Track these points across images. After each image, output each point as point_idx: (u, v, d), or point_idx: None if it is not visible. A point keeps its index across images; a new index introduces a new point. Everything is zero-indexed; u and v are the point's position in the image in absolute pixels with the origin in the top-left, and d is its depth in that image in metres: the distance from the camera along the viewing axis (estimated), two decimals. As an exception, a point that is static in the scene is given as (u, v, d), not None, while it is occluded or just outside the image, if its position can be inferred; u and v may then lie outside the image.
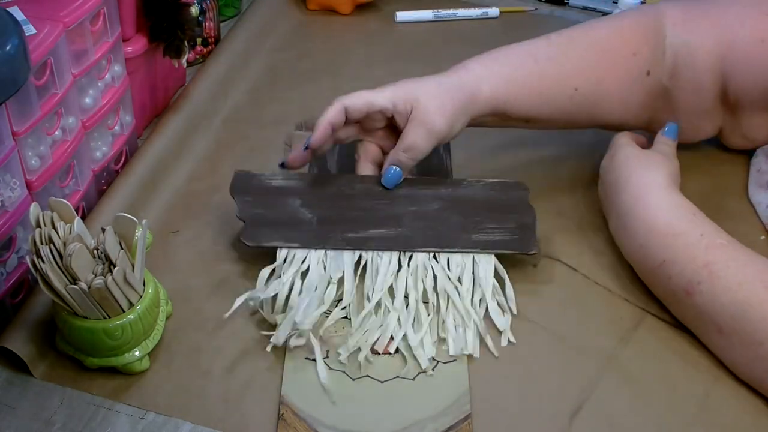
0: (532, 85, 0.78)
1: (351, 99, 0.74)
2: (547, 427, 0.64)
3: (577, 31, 0.82)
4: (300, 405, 0.64)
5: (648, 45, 0.80)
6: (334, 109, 0.74)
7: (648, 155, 0.76)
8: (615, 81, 0.80)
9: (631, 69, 0.80)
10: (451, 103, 0.75)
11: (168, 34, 0.86)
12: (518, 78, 0.78)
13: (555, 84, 0.79)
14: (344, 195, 0.76)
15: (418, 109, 0.74)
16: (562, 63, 0.79)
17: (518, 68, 0.79)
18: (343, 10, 1.13)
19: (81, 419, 0.63)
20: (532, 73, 0.79)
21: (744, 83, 0.79)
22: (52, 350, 0.67)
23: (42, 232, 0.61)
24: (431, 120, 0.74)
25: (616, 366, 0.68)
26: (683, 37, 0.79)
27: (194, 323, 0.70)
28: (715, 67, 0.79)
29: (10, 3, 0.70)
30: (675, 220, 0.70)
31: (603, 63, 0.80)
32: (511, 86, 0.78)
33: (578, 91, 0.79)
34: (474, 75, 0.78)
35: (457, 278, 0.72)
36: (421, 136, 0.74)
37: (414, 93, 0.75)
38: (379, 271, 0.72)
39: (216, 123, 0.92)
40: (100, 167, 0.81)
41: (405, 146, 0.75)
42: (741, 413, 0.65)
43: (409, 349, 0.68)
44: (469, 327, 0.69)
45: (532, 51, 0.80)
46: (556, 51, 0.80)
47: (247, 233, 0.73)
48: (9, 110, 0.65)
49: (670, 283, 0.68)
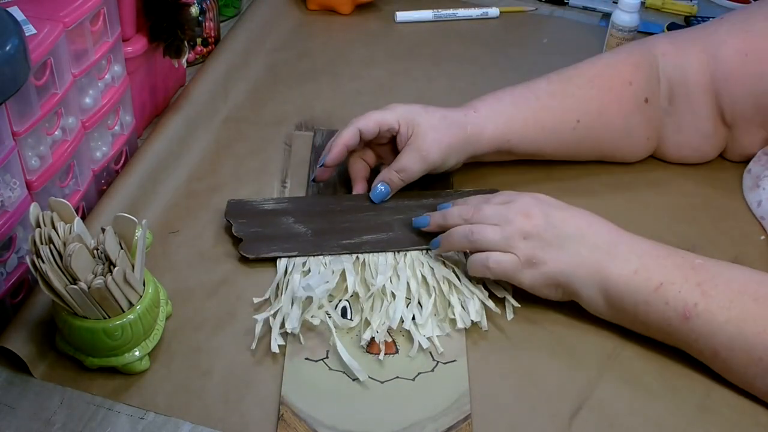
0: (534, 121, 0.81)
1: (364, 122, 0.78)
2: (547, 427, 0.64)
3: (573, 70, 0.84)
4: (300, 405, 0.64)
5: (642, 74, 0.83)
6: (349, 132, 0.78)
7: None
8: (615, 111, 0.83)
9: (629, 98, 0.83)
10: (448, 138, 0.78)
11: (168, 34, 0.86)
12: (520, 115, 0.81)
13: (557, 118, 0.82)
14: (334, 211, 0.80)
15: (417, 135, 0.78)
16: (562, 98, 0.82)
17: (520, 106, 0.82)
18: (343, 10, 1.13)
19: (81, 419, 0.63)
20: (533, 109, 0.81)
21: (734, 98, 0.82)
22: (52, 350, 0.67)
23: (42, 232, 0.61)
24: (426, 149, 0.78)
25: (616, 366, 0.68)
26: (674, 62, 0.83)
27: (194, 323, 0.70)
28: (707, 86, 0.82)
29: (10, 3, 0.70)
30: (655, 245, 0.69)
31: (601, 95, 0.82)
32: (514, 123, 0.81)
33: (580, 123, 0.82)
34: (478, 115, 0.80)
35: (452, 270, 0.74)
36: (414, 161, 0.78)
37: (417, 119, 0.78)
38: (379, 265, 0.74)
39: (216, 123, 0.92)
40: (100, 167, 0.81)
41: (398, 167, 0.78)
42: (741, 413, 0.65)
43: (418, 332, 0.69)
44: (474, 300, 0.71)
45: (532, 89, 0.83)
46: (555, 87, 0.83)
47: (246, 247, 0.75)
48: (9, 110, 0.65)
49: (666, 309, 0.66)
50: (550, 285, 0.69)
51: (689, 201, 0.84)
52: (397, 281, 0.73)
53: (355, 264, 0.75)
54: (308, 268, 0.74)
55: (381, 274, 0.73)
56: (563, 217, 0.69)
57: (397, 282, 0.73)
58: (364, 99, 0.97)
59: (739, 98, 0.81)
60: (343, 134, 0.78)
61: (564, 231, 0.68)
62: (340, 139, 0.78)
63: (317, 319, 0.70)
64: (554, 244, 0.68)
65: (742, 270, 0.67)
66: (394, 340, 0.69)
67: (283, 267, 0.74)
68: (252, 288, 0.73)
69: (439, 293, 0.73)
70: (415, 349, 0.68)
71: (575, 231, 0.69)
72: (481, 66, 1.04)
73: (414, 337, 0.69)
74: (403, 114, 0.79)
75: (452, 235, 0.72)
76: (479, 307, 0.71)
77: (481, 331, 0.70)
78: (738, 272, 0.66)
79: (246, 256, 0.75)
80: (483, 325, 0.70)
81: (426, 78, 1.02)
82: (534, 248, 0.68)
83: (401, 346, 0.69)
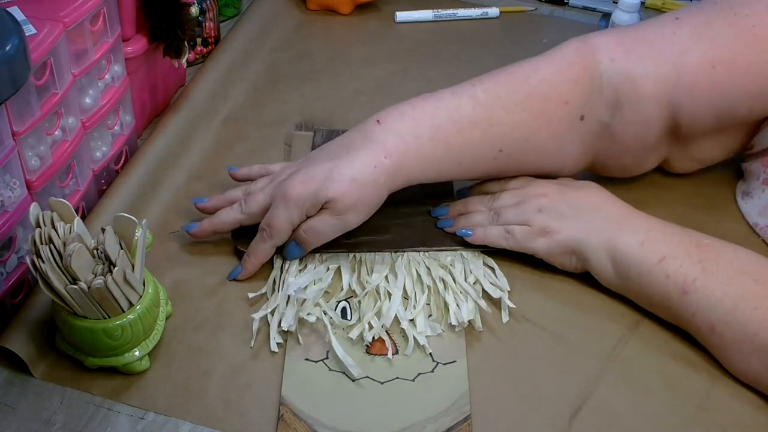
0: (451, 160, 0.73)
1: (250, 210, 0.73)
2: (547, 428, 0.64)
3: (504, 84, 0.75)
4: (300, 405, 0.64)
5: (581, 90, 0.74)
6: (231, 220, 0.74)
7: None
8: (546, 134, 0.75)
9: (563, 118, 0.75)
10: (371, 198, 0.71)
11: (168, 34, 0.86)
12: (437, 155, 0.73)
13: (478, 150, 0.74)
14: None
15: (333, 208, 0.70)
16: (486, 126, 0.73)
17: (438, 146, 0.72)
18: (343, 10, 1.13)
19: (81, 419, 0.63)
20: (452, 148, 0.73)
21: (696, 111, 0.75)
22: (52, 350, 0.67)
23: (42, 232, 0.61)
24: (348, 219, 0.71)
25: (616, 366, 0.68)
26: (624, 69, 0.74)
27: (194, 323, 0.70)
28: (662, 97, 0.74)
29: (10, 3, 0.70)
30: (666, 223, 0.72)
31: (531, 119, 0.74)
32: (429, 166, 0.73)
33: (503, 152, 0.74)
34: (390, 158, 0.71)
35: (448, 270, 0.75)
36: (330, 226, 0.71)
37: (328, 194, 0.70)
38: (375, 264, 0.75)
39: (216, 123, 0.92)
40: (100, 167, 0.81)
41: (307, 227, 0.72)
42: (741, 413, 0.65)
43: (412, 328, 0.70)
44: (468, 300, 0.72)
45: (454, 117, 0.73)
46: (480, 114, 0.73)
47: (243, 243, 0.75)
48: (9, 110, 0.65)
49: (667, 282, 0.68)
50: (564, 253, 0.73)
51: (689, 201, 0.83)
52: (394, 280, 0.73)
53: (351, 262, 0.75)
54: (304, 264, 0.74)
55: (377, 272, 0.73)
56: (578, 195, 0.74)
57: (394, 281, 0.73)
58: (364, 99, 0.97)
59: (702, 111, 0.75)
60: (224, 219, 0.74)
61: (578, 204, 0.73)
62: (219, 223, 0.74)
63: (313, 316, 0.70)
64: (567, 215, 0.73)
65: (749, 253, 0.69)
66: (393, 340, 0.69)
67: (279, 262, 0.74)
68: (252, 288, 0.73)
69: (434, 292, 0.73)
70: (411, 348, 0.68)
71: (589, 205, 0.73)
72: (481, 66, 1.03)
73: (408, 334, 0.69)
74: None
75: (474, 218, 0.76)
76: (473, 306, 0.71)
77: (481, 331, 0.70)
78: (743, 254, 0.69)
79: (243, 251, 0.74)
80: (477, 325, 0.70)
81: (425, 78, 1.02)
82: (549, 219, 0.73)
83: (400, 347, 0.69)
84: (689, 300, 0.67)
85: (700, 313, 0.67)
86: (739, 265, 0.68)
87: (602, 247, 0.71)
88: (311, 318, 0.70)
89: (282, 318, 0.69)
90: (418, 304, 0.71)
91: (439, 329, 0.70)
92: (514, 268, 0.75)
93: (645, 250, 0.69)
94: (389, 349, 0.68)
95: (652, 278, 0.69)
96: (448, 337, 0.70)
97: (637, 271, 0.69)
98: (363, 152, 0.71)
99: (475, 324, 0.70)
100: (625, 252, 0.70)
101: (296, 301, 0.70)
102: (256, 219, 0.73)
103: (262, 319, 0.70)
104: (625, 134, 0.76)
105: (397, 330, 0.70)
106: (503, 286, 0.73)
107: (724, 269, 0.67)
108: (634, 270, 0.70)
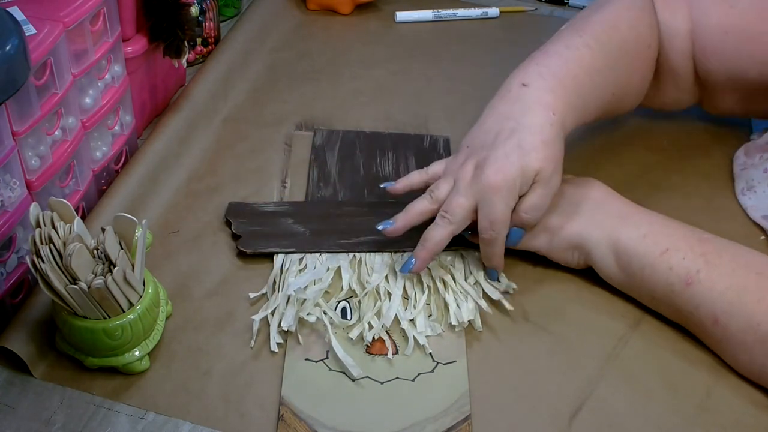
0: (585, 106, 0.76)
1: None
2: (547, 428, 0.64)
3: (603, 33, 0.78)
4: (300, 405, 0.64)
5: (655, 33, 0.82)
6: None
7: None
8: (639, 77, 0.83)
9: (649, 58, 0.82)
10: (560, 154, 0.71)
11: (168, 34, 0.86)
12: (581, 103, 0.75)
13: (602, 94, 0.78)
14: (333, 214, 0.80)
15: (542, 178, 0.70)
16: (605, 74, 0.77)
17: (586, 96, 0.75)
18: (343, 10, 1.13)
19: (81, 419, 0.63)
20: (587, 95, 0.76)
21: (708, 70, 0.83)
22: (52, 350, 0.67)
23: (42, 232, 0.61)
24: (553, 184, 0.71)
25: (616, 366, 0.68)
26: (662, 17, 0.83)
27: (194, 323, 0.70)
28: (686, 50, 0.83)
29: (10, 3, 0.70)
30: (667, 218, 0.73)
31: (630, 65, 0.80)
32: (576, 112, 0.75)
33: (614, 95, 0.80)
34: (557, 114, 0.72)
35: (448, 270, 0.75)
36: (545, 197, 0.71)
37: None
38: (375, 264, 0.75)
39: (216, 123, 0.92)
40: (100, 167, 0.81)
41: (526, 207, 0.71)
42: (741, 413, 0.65)
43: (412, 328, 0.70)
44: (468, 300, 0.72)
45: (584, 66, 0.75)
46: (600, 62, 0.76)
47: (244, 242, 0.76)
48: (9, 110, 0.65)
49: (670, 274, 0.68)
50: (567, 249, 0.73)
51: (689, 202, 0.83)
52: (394, 280, 0.73)
53: (351, 262, 0.75)
54: (305, 264, 0.74)
55: (377, 272, 0.73)
56: (579, 191, 0.75)
57: (394, 281, 0.73)
58: (364, 99, 0.97)
59: (713, 71, 0.83)
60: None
61: (579, 200, 0.74)
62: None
63: (313, 316, 0.70)
64: (569, 211, 0.73)
65: (750, 250, 0.70)
66: (393, 340, 0.69)
67: (279, 262, 0.74)
68: (252, 288, 0.73)
69: (434, 292, 0.73)
70: (411, 348, 0.68)
71: (591, 201, 0.74)
72: (481, 66, 1.04)
73: (408, 334, 0.69)
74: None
75: None
76: (473, 306, 0.71)
77: (481, 331, 0.70)
78: (745, 250, 0.69)
79: (243, 250, 0.75)
80: (477, 325, 0.70)
81: (425, 78, 1.02)
82: (550, 215, 0.73)
83: (400, 347, 0.69)
84: (692, 292, 0.67)
85: (703, 305, 0.67)
86: (741, 258, 0.68)
87: (605, 241, 0.71)
88: (311, 318, 0.70)
89: (282, 318, 0.69)
90: (418, 304, 0.71)
91: (439, 329, 0.70)
92: (514, 268, 0.75)
93: (647, 242, 0.70)
94: (389, 349, 0.69)
95: (654, 270, 0.69)
96: (448, 337, 0.70)
97: (639, 263, 0.70)
98: (531, 116, 0.70)
99: (475, 324, 0.70)
100: (627, 245, 0.70)
101: (296, 301, 0.70)
102: (465, 224, 0.71)
103: (263, 320, 0.70)
104: (663, 71, 0.84)
105: (397, 330, 0.70)
106: (504, 287, 0.73)
107: (727, 262, 0.67)
108: (637, 263, 0.70)
